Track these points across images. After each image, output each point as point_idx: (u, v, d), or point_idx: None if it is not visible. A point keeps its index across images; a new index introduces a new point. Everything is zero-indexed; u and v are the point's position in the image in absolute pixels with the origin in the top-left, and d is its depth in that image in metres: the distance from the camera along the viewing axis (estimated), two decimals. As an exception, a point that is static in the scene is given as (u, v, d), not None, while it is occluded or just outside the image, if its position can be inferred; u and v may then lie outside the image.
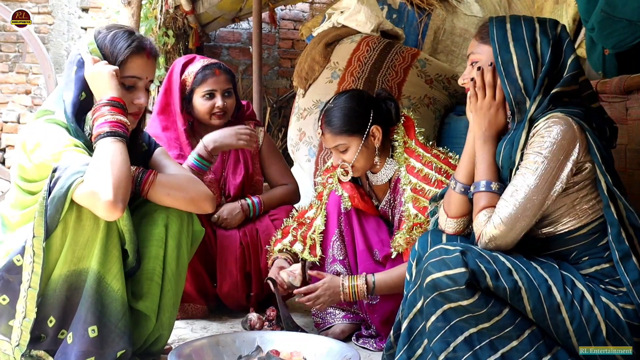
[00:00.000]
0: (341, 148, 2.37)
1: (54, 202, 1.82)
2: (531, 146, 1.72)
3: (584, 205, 1.75)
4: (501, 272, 1.66)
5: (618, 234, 1.69)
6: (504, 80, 1.80)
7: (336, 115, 2.36)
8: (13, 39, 6.29)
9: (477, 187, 1.81)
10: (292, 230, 2.58)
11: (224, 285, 2.76)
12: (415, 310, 1.81)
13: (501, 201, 1.74)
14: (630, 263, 1.68)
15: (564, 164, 1.69)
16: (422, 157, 2.32)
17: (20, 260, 1.87)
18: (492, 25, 1.85)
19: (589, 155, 1.71)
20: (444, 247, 1.71)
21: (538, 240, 1.81)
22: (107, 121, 1.92)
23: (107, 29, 2.05)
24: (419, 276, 1.76)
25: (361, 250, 2.45)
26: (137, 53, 2.03)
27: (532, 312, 1.66)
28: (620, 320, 1.66)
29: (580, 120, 1.71)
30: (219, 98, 2.83)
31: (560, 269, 1.73)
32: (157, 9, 5.42)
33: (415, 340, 1.81)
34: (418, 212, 2.26)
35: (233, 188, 2.91)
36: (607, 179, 1.69)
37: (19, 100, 6.29)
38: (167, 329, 2.12)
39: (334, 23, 3.85)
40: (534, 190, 1.70)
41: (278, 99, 6.54)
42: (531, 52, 1.79)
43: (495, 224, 1.71)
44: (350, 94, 2.43)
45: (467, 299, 1.64)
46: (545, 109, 1.75)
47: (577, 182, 1.73)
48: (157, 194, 2.03)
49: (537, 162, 1.69)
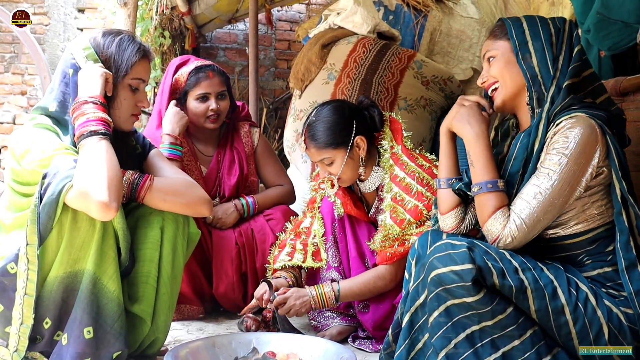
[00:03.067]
0: (327, 161, 2.37)
1: (46, 209, 1.81)
2: (554, 146, 1.70)
3: (594, 211, 1.74)
4: (507, 270, 1.64)
5: (627, 242, 1.68)
6: (525, 72, 1.80)
7: (319, 129, 2.35)
8: (9, 40, 6.28)
9: (482, 188, 1.76)
10: (289, 242, 2.55)
11: (220, 285, 2.76)
12: (417, 304, 1.80)
13: (521, 202, 1.71)
14: (636, 272, 1.67)
15: (585, 168, 1.68)
16: (407, 167, 2.31)
17: (14, 267, 1.86)
18: (508, 23, 1.86)
19: (607, 159, 1.70)
20: (450, 242, 1.68)
21: (542, 241, 1.80)
22: (89, 119, 1.90)
23: (107, 35, 2.05)
24: (422, 271, 1.74)
25: (353, 257, 2.46)
26: (144, 57, 2.07)
27: (536, 313, 1.65)
28: (623, 324, 1.66)
29: (602, 124, 1.70)
30: (212, 101, 2.82)
31: (565, 271, 1.72)
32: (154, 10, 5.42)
33: (416, 335, 1.80)
34: (394, 223, 2.26)
35: (228, 189, 2.91)
36: (623, 186, 1.68)
37: (15, 101, 6.28)
38: (163, 332, 2.11)
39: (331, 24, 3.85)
40: (558, 193, 1.68)
41: (274, 100, 6.54)
42: (548, 48, 1.79)
43: (517, 226, 1.69)
44: (332, 106, 2.42)
45: (472, 296, 1.63)
46: (563, 104, 1.74)
47: (591, 187, 1.72)
48: (154, 200, 2.02)
49: (561, 163, 1.67)
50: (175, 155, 2.69)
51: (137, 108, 2.10)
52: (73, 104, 1.95)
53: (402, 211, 2.25)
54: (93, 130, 1.88)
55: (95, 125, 1.89)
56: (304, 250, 2.50)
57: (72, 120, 1.93)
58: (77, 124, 1.91)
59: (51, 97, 2.03)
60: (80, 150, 1.88)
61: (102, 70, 1.97)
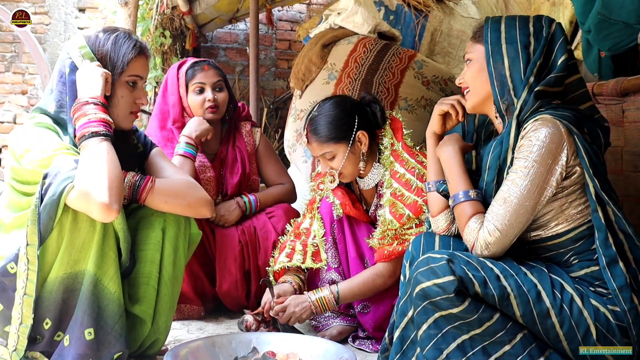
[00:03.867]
0: (328, 156, 2.37)
1: (47, 210, 1.81)
2: (520, 150, 1.71)
3: (573, 210, 1.74)
4: (489, 279, 1.65)
5: (605, 239, 1.68)
6: (493, 81, 1.80)
7: (321, 123, 2.36)
8: (9, 39, 6.29)
9: (456, 199, 1.81)
10: (289, 243, 2.54)
11: (224, 284, 2.77)
12: (406, 320, 1.82)
13: (493, 208, 1.73)
14: (617, 268, 1.67)
15: (552, 169, 1.69)
16: (407, 163, 2.31)
17: (14, 267, 1.86)
18: (486, 26, 1.86)
19: (578, 159, 1.70)
20: (432, 256, 1.70)
21: (526, 243, 1.81)
22: (90, 120, 1.89)
23: (102, 32, 2.04)
24: (409, 284, 1.75)
25: (353, 258, 2.46)
26: (141, 54, 2.06)
27: (522, 318, 1.66)
28: (610, 323, 1.66)
29: (568, 124, 1.70)
30: (209, 91, 2.86)
31: (550, 273, 1.72)
32: (154, 9, 5.42)
33: (407, 349, 1.81)
34: (393, 218, 2.26)
35: (230, 187, 2.92)
36: (596, 184, 1.68)
37: (15, 101, 6.28)
38: (164, 333, 2.11)
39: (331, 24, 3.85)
40: (526, 196, 1.69)
41: (275, 100, 6.54)
42: (523, 54, 1.78)
43: (489, 231, 1.71)
44: (334, 100, 2.42)
45: (457, 307, 1.64)
46: (533, 109, 1.74)
47: (566, 187, 1.72)
48: (155, 201, 2.01)
49: (527, 167, 1.69)
50: (189, 154, 2.73)
51: (136, 105, 2.09)
52: (74, 104, 1.94)
53: (402, 206, 2.25)
54: (94, 132, 1.88)
55: (96, 126, 1.89)
56: (304, 251, 2.49)
57: (73, 121, 1.93)
58: (79, 125, 1.90)
59: (50, 97, 2.03)
60: (81, 151, 1.88)
61: (102, 70, 1.97)
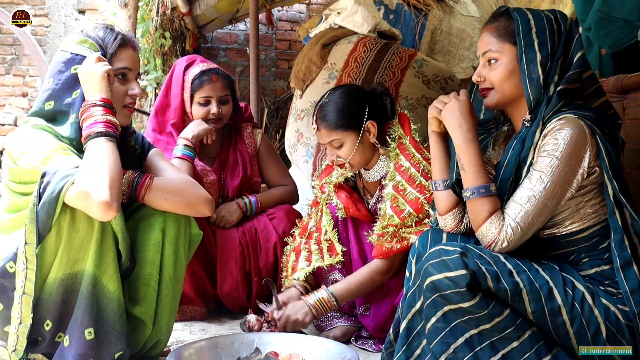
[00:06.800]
0: (336, 144, 2.36)
1: (45, 208, 1.80)
2: (544, 148, 1.70)
3: (588, 210, 1.74)
4: (502, 274, 1.64)
5: (621, 241, 1.68)
6: (526, 81, 1.77)
7: (331, 110, 2.35)
8: (10, 42, 6.29)
9: (475, 193, 1.75)
10: (303, 246, 2.52)
11: (225, 285, 2.76)
12: (414, 311, 1.80)
13: (515, 205, 1.71)
14: (631, 271, 1.67)
15: (576, 169, 1.69)
16: (413, 157, 2.30)
17: (13, 267, 1.86)
18: (516, 20, 1.80)
19: (598, 159, 1.70)
20: (444, 248, 1.68)
21: (538, 240, 1.80)
22: (97, 121, 1.91)
23: (88, 29, 2.07)
24: (419, 276, 1.75)
25: (355, 259, 2.46)
26: (124, 45, 2.06)
27: (532, 314, 1.65)
28: (620, 322, 1.66)
29: (591, 124, 1.70)
30: (214, 105, 2.84)
31: (561, 271, 1.72)
32: (154, 10, 5.42)
33: (413, 341, 1.80)
34: (394, 213, 2.25)
35: (231, 190, 2.92)
36: (614, 186, 1.68)
37: (16, 103, 6.28)
38: (165, 334, 2.11)
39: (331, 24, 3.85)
40: (550, 195, 1.69)
41: (275, 100, 6.54)
42: (551, 52, 1.77)
43: (512, 229, 1.69)
44: (346, 89, 2.42)
45: (468, 301, 1.63)
46: (556, 108, 1.73)
47: (583, 186, 1.72)
48: (154, 199, 2.01)
49: (552, 165, 1.68)
50: (187, 156, 2.71)
51: (129, 98, 2.08)
52: (82, 106, 1.95)
53: (403, 202, 2.24)
54: (99, 132, 1.89)
55: (102, 127, 1.90)
56: (319, 249, 2.48)
57: (81, 122, 1.94)
58: (85, 125, 1.92)
59: (44, 95, 2.02)
60: (86, 150, 1.89)
61: (103, 69, 1.97)
